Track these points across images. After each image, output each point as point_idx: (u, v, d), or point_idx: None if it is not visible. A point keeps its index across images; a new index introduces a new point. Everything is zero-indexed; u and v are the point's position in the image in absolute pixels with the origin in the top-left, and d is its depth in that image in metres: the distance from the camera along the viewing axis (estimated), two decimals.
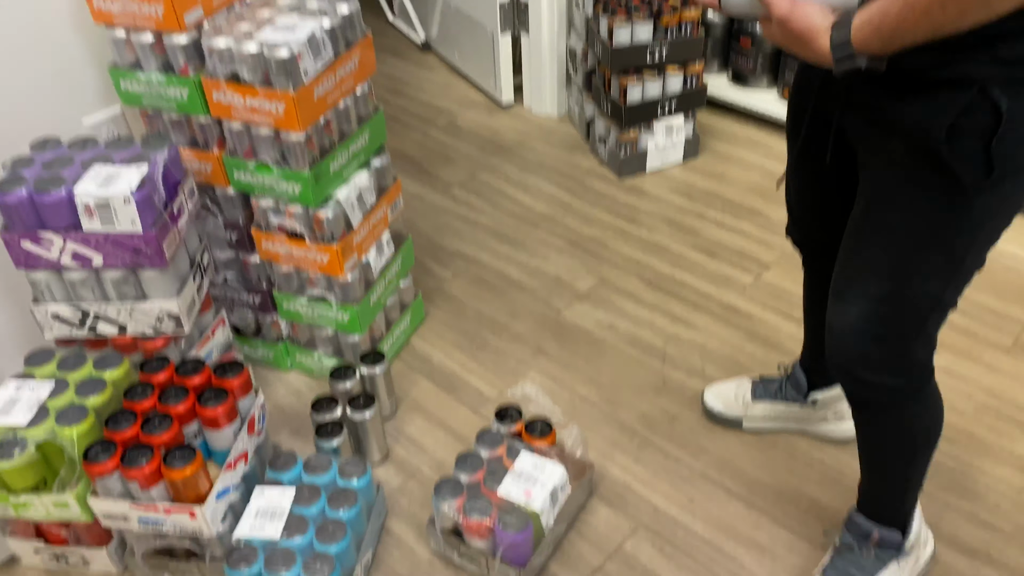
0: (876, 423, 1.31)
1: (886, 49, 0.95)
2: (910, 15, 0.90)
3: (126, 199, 1.42)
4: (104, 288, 1.55)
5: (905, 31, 0.92)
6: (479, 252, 2.37)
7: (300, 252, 1.74)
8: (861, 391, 1.25)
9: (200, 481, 1.41)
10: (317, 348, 1.95)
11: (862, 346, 1.19)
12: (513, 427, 1.64)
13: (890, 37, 0.94)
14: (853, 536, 1.43)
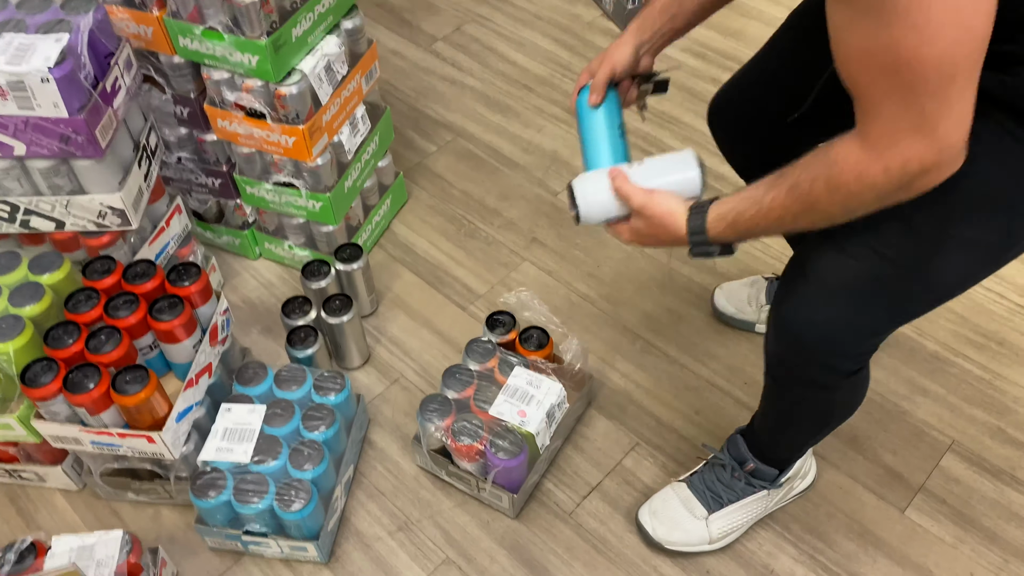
0: (797, 399, 1.18)
1: (740, 240, 0.99)
2: (763, 221, 0.93)
3: (44, 78, 1.18)
4: (33, 180, 1.34)
5: (758, 231, 0.96)
6: (466, 122, 2.13)
7: (261, 133, 1.51)
8: (800, 373, 1.11)
9: (156, 405, 1.26)
10: (287, 237, 1.75)
11: (839, 336, 1.04)
12: (506, 336, 1.48)
13: (744, 233, 0.97)
14: (729, 457, 1.33)
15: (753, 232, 0.96)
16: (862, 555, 1.35)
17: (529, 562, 1.36)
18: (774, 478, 1.32)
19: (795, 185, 0.88)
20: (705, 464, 1.38)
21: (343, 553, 1.38)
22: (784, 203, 0.90)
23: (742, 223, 0.95)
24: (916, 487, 1.43)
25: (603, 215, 1.09)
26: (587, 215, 1.09)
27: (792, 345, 1.06)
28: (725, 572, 1.34)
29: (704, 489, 1.35)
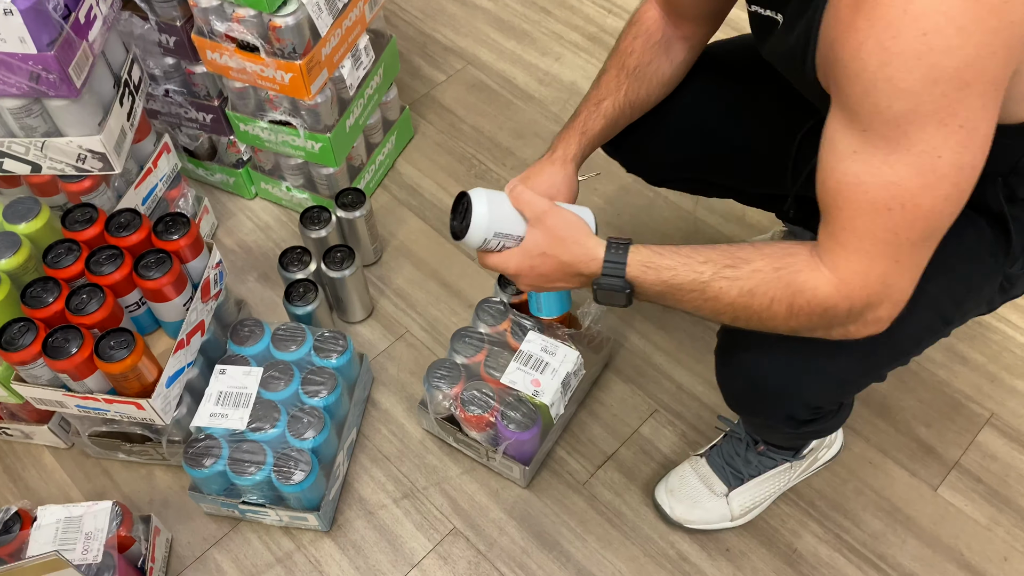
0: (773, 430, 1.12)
1: (651, 299, 0.91)
2: (696, 300, 0.86)
3: (6, 9, 1.05)
4: (4, 120, 1.21)
5: (681, 303, 0.88)
6: (477, 48, 1.97)
7: (255, 68, 1.37)
8: (767, 416, 1.05)
9: (144, 370, 1.17)
10: (284, 178, 1.63)
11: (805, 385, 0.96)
12: (519, 295, 1.38)
13: (664, 296, 0.89)
14: (745, 432, 1.26)
15: (675, 300, 0.88)
16: (890, 535, 1.29)
17: (540, 535, 1.30)
18: (793, 453, 1.25)
19: (751, 292, 0.82)
20: (723, 437, 1.30)
21: (345, 521, 1.32)
22: (732, 300, 0.83)
23: (671, 285, 0.87)
24: (950, 463, 1.35)
25: (496, 226, 0.95)
26: (479, 224, 0.94)
27: (753, 392, 0.98)
28: (746, 550, 1.28)
29: (723, 464, 1.27)
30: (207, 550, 1.30)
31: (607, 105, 1.10)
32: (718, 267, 0.84)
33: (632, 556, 1.28)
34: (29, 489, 1.36)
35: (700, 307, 0.86)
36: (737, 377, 1.01)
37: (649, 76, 1.11)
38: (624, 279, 0.89)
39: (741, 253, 0.84)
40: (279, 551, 1.29)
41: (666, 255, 0.87)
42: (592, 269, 0.91)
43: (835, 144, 0.75)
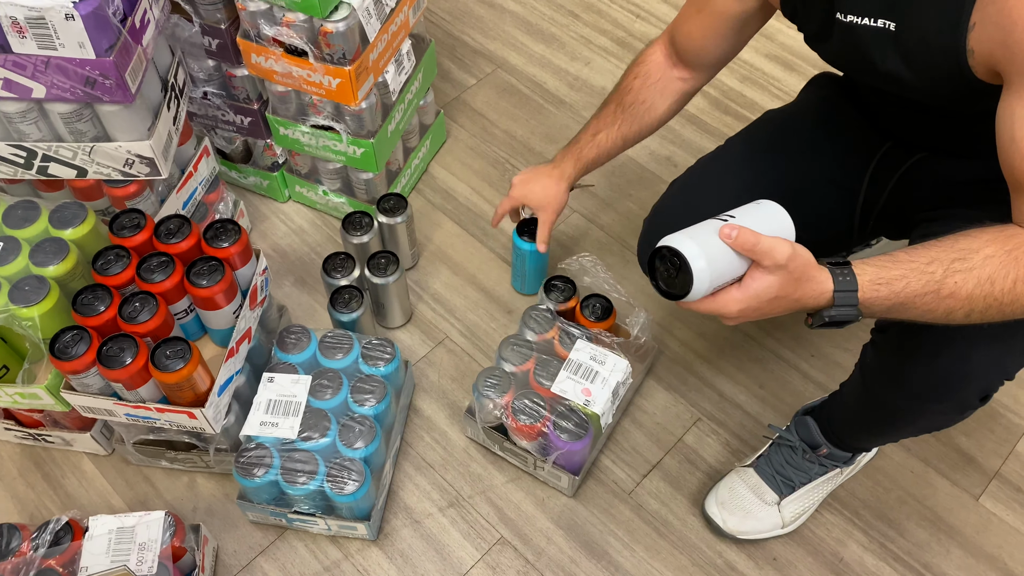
0: (916, 420, 1.07)
1: (882, 315, 0.85)
2: (930, 303, 0.82)
3: (68, 14, 1.03)
4: (52, 125, 1.20)
5: (913, 312, 0.83)
6: (507, 52, 1.97)
7: (302, 72, 1.36)
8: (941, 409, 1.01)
9: (199, 380, 1.16)
10: (321, 182, 1.62)
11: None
12: (565, 303, 1.38)
13: (896, 309, 0.83)
14: (799, 439, 1.25)
15: (904, 310, 0.83)
16: (934, 544, 1.30)
17: (588, 544, 1.30)
18: (848, 459, 1.25)
19: (990, 279, 0.79)
20: (771, 446, 1.31)
21: (392, 530, 1.31)
22: (970, 293, 0.80)
23: (903, 296, 0.81)
24: (991, 473, 1.36)
25: (716, 280, 0.82)
26: (702, 281, 0.81)
27: (944, 381, 0.96)
28: (792, 559, 1.29)
29: (773, 474, 1.28)
30: (254, 559, 1.29)
31: (601, 137, 1.28)
32: (946, 264, 0.81)
33: (680, 566, 1.28)
34: (69, 496, 1.35)
35: (932, 309, 0.82)
36: (922, 364, 0.97)
37: (642, 114, 1.24)
38: (856, 307, 0.82)
39: (962, 244, 0.82)
40: (327, 560, 1.29)
41: (891, 266, 0.82)
42: (822, 303, 0.83)
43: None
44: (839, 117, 1.20)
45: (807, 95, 1.29)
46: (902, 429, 1.12)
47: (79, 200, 1.30)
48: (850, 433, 1.21)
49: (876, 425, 1.15)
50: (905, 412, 1.05)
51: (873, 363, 1.07)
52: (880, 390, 1.06)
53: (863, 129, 1.17)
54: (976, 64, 0.84)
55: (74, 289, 1.17)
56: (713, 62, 1.19)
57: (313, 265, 1.61)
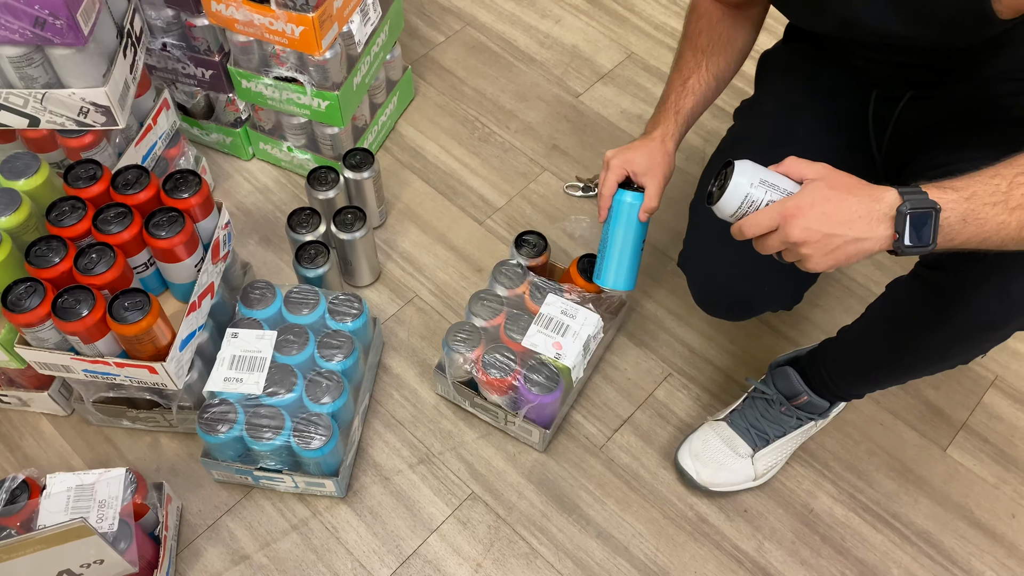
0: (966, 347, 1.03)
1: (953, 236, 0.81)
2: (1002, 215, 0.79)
3: None
4: (2, 70, 1.15)
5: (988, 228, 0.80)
6: (476, 9, 1.93)
7: (263, 20, 1.32)
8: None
9: (159, 333, 1.13)
10: (286, 138, 1.58)
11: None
12: (536, 259, 1.36)
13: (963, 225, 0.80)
14: (776, 391, 1.25)
15: (979, 223, 0.80)
16: (903, 495, 1.31)
17: (559, 499, 1.29)
18: (824, 409, 1.25)
19: None
20: (746, 399, 1.31)
21: (361, 487, 1.30)
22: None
23: (972, 202, 0.79)
24: (958, 424, 1.37)
25: (763, 174, 0.88)
26: (745, 170, 0.87)
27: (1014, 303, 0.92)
28: (763, 511, 1.29)
29: (747, 427, 1.27)
30: (219, 518, 1.27)
31: (693, 82, 1.14)
32: (1010, 177, 0.79)
33: (651, 518, 1.28)
34: (28, 458, 1.31)
35: (1005, 223, 0.79)
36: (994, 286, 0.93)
37: (724, 46, 1.15)
38: (930, 199, 0.79)
39: (1021, 160, 0.80)
40: (294, 518, 1.27)
41: (954, 181, 0.81)
42: (889, 200, 0.81)
43: None
44: (822, 83, 1.18)
45: (777, 77, 1.26)
46: (927, 366, 1.09)
47: (32, 152, 1.26)
48: (853, 380, 1.19)
49: (901, 366, 1.10)
50: (954, 343, 1.00)
51: (917, 297, 1.02)
52: (927, 325, 1.00)
53: (847, 88, 1.16)
54: (1002, 8, 0.84)
55: (27, 242, 1.14)
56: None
57: (278, 223, 1.57)
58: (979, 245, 0.82)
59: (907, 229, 0.79)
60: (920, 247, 0.80)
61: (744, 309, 1.20)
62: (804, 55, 1.23)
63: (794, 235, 0.82)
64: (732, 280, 1.14)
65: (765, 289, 1.14)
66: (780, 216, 0.83)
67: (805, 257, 0.84)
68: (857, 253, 0.82)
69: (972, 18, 0.87)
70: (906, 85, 1.11)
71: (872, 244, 0.82)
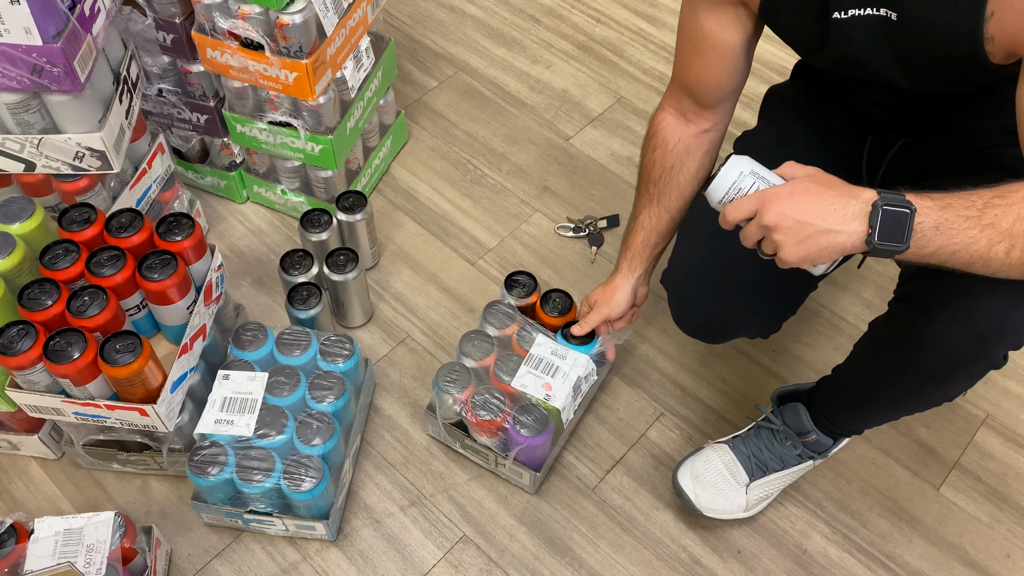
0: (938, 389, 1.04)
1: (925, 244, 0.83)
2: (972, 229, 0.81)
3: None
4: None
5: (956, 243, 0.82)
6: (468, 55, 1.97)
7: (258, 67, 1.35)
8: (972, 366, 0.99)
9: (150, 375, 1.13)
10: (280, 181, 1.60)
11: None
12: (526, 299, 1.37)
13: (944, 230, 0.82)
14: (784, 424, 1.24)
15: (951, 232, 0.81)
16: (897, 534, 1.30)
17: (551, 541, 1.28)
18: (827, 448, 1.24)
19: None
20: (752, 428, 1.29)
21: (352, 530, 1.29)
22: (1010, 227, 0.81)
23: (945, 212, 0.81)
24: (950, 463, 1.37)
25: (754, 166, 0.93)
26: (738, 158, 0.93)
27: (983, 338, 0.93)
28: (757, 551, 1.28)
29: (749, 455, 1.25)
30: (209, 562, 1.26)
31: (644, 218, 1.22)
32: (987, 198, 0.82)
33: (644, 560, 1.27)
34: (16, 502, 1.30)
35: (975, 239, 0.81)
36: (959, 322, 0.94)
37: (676, 179, 1.18)
38: (904, 196, 0.82)
39: (1001, 187, 0.83)
40: (284, 562, 1.26)
41: (934, 192, 0.83)
42: (866, 197, 0.83)
43: None
44: (819, 121, 1.20)
45: (779, 111, 1.28)
46: (914, 403, 1.10)
47: (28, 196, 1.27)
48: (848, 416, 1.19)
49: (888, 402, 1.11)
50: (931, 379, 1.01)
51: (893, 335, 1.04)
52: (903, 362, 1.01)
53: (844, 129, 1.18)
54: (994, 50, 0.86)
55: (20, 285, 1.14)
56: (731, 93, 1.14)
57: (272, 266, 1.58)
58: (948, 259, 0.84)
59: (879, 225, 0.81)
60: (892, 245, 0.82)
61: (720, 329, 1.21)
62: (807, 93, 1.25)
63: (768, 218, 0.85)
64: (710, 299, 1.16)
65: (743, 311, 1.16)
66: (759, 201, 0.86)
67: (778, 244, 0.85)
68: (829, 245, 0.84)
69: (966, 62, 0.89)
70: (900, 131, 1.13)
71: (845, 238, 0.83)
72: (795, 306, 1.22)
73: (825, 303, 1.55)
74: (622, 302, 1.26)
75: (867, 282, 1.58)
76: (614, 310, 1.27)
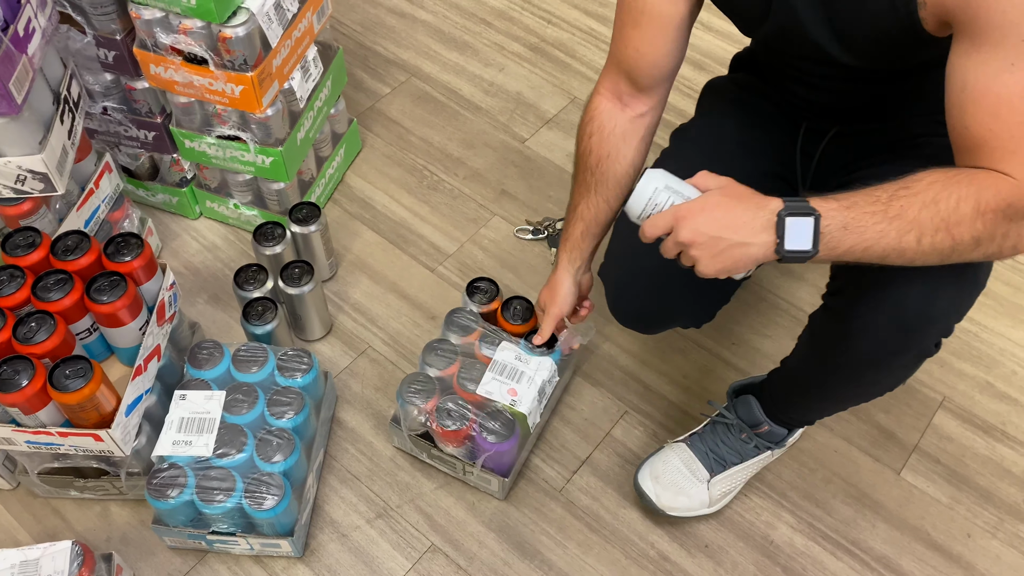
0: (869, 379, 1.07)
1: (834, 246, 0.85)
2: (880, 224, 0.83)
3: None
4: None
5: (866, 239, 0.84)
6: (421, 60, 1.96)
7: (203, 81, 1.33)
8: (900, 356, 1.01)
9: (102, 399, 1.11)
10: (232, 195, 1.58)
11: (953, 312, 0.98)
12: (488, 305, 1.36)
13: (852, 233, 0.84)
14: (737, 418, 1.26)
15: (859, 231, 0.83)
16: (860, 520, 1.32)
17: (520, 545, 1.28)
18: (782, 438, 1.26)
19: (935, 200, 0.82)
20: (707, 424, 1.31)
21: (318, 545, 1.27)
22: (916, 215, 0.82)
23: (853, 212, 0.83)
24: (910, 447, 1.39)
25: (670, 180, 0.94)
26: (653, 173, 0.94)
27: (910, 326, 0.95)
28: (724, 545, 1.29)
29: (707, 451, 1.27)
30: None
31: (582, 208, 1.19)
32: (892, 191, 0.84)
33: (613, 559, 1.27)
34: None
35: (884, 232, 0.83)
36: (885, 313, 0.97)
37: (613, 167, 1.16)
38: (810, 206, 0.84)
39: (906, 179, 0.85)
40: None
41: (839, 193, 0.86)
42: (773, 207, 0.86)
43: (985, 67, 0.81)
44: (754, 112, 1.21)
45: (714, 103, 1.29)
46: (856, 392, 1.12)
47: None
48: (796, 407, 1.21)
49: (829, 392, 1.13)
50: (868, 368, 1.03)
51: (827, 328, 1.06)
52: (837, 354, 1.04)
53: (776, 118, 1.20)
54: (927, 16, 0.86)
55: None
56: (667, 74, 1.13)
57: (227, 281, 1.56)
58: (863, 255, 0.86)
59: (786, 233, 0.84)
60: (800, 252, 0.85)
61: (653, 320, 1.23)
62: (743, 85, 1.26)
63: (683, 235, 0.88)
64: (644, 293, 1.17)
65: (676, 303, 1.18)
66: (674, 218, 0.89)
67: (695, 259, 0.89)
68: (743, 257, 0.87)
69: (901, 30, 0.89)
70: (834, 119, 1.15)
71: (757, 250, 0.86)
72: (728, 295, 1.23)
73: (783, 294, 1.57)
74: (568, 296, 1.24)
75: (825, 273, 1.57)
76: (563, 306, 1.25)
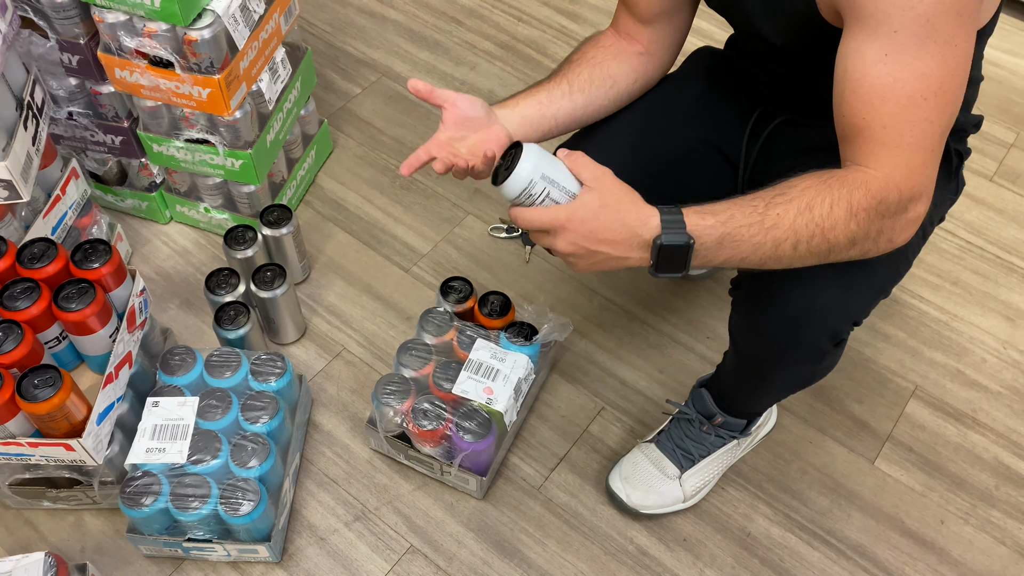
0: (780, 370, 1.09)
1: (708, 257, 0.87)
2: (757, 236, 0.85)
3: None
4: None
5: (743, 248, 0.86)
6: (391, 60, 1.95)
7: (169, 85, 1.31)
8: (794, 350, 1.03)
9: (73, 408, 1.10)
10: (202, 199, 1.56)
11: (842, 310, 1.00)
12: (463, 304, 1.36)
13: (727, 242, 0.86)
14: (695, 411, 1.28)
15: (734, 244, 0.86)
16: (836, 510, 1.33)
17: (499, 544, 1.28)
18: (743, 428, 1.27)
19: (809, 206, 0.84)
20: (671, 421, 1.32)
21: (296, 550, 1.27)
22: (792, 222, 0.84)
23: (729, 227, 0.85)
24: (884, 436, 1.41)
25: (545, 169, 0.88)
26: (529, 158, 0.87)
27: (795, 323, 0.98)
28: (702, 538, 1.30)
29: (674, 447, 1.28)
30: None
31: (543, 95, 1.08)
32: (768, 198, 0.86)
33: (593, 556, 1.28)
34: None
35: (761, 243, 0.85)
36: (769, 311, 0.99)
37: (594, 68, 1.10)
38: (686, 232, 0.85)
39: (783, 184, 0.87)
40: None
41: (717, 205, 0.87)
42: (651, 227, 0.86)
43: (862, 55, 0.83)
44: (721, 86, 1.21)
45: (691, 66, 1.28)
46: (774, 384, 1.15)
47: None
48: (736, 398, 1.23)
49: (752, 384, 1.17)
50: (769, 363, 1.07)
51: (734, 321, 1.11)
52: (746, 346, 1.09)
53: (739, 97, 1.20)
54: (821, 3, 0.88)
55: None
56: (667, 7, 1.08)
57: (199, 286, 1.55)
58: (739, 264, 0.88)
59: (658, 259, 0.87)
60: (672, 275, 0.88)
61: None
62: (722, 59, 1.25)
63: (560, 246, 0.88)
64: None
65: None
66: (551, 224, 0.87)
67: (571, 263, 0.91)
68: (619, 266, 0.90)
69: (805, 14, 0.91)
70: (784, 108, 1.15)
71: (633, 263, 0.89)
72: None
73: None
74: (474, 105, 1.05)
75: None
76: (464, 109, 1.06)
